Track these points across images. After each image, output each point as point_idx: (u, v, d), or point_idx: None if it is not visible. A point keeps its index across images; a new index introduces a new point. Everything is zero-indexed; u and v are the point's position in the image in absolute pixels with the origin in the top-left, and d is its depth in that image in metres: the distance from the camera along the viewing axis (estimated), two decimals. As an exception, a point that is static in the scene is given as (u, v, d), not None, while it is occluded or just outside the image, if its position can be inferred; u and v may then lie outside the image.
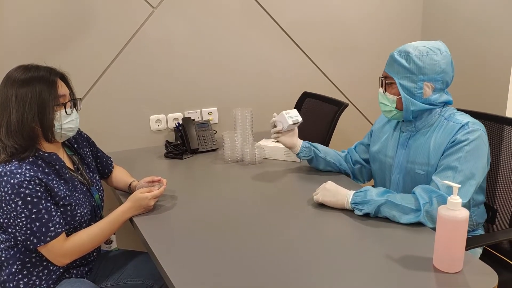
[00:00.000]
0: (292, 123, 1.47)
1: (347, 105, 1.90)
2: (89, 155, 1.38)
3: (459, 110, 1.36)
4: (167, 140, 2.01)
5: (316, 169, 1.63)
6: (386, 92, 1.34)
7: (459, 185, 0.99)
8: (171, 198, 1.44)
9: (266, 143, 1.84)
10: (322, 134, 1.90)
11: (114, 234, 1.37)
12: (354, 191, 1.30)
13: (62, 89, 1.19)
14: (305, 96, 2.15)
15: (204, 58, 2.04)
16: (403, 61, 1.29)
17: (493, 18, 2.01)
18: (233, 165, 1.76)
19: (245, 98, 2.17)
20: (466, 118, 1.29)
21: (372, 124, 1.63)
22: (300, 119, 1.49)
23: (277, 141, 1.55)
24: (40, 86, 1.13)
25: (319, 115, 1.98)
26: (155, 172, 1.58)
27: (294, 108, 2.08)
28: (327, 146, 1.78)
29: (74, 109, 1.23)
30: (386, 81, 1.33)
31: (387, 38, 2.36)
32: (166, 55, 1.97)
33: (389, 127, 1.47)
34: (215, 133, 2.02)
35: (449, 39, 2.17)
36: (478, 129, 1.25)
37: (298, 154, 1.55)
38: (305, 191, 1.44)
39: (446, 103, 1.33)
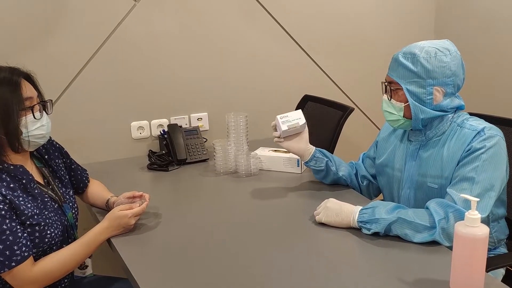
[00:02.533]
0: (287, 128, 1.47)
1: (352, 109, 1.90)
2: (61, 168, 1.38)
3: (472, 115, 1.37)
4: (150, 150, 2.02)
5: (320, 181, 1.65)
6: (391, 99, 1.34)
7: (478, 199, 1.00)
8: (154, 216, 1.44)
9: (263, 152, 1.85)
10: (325, 142, 1.91)
11: (89, 257, 1.38)
12: (360, 208, 1.30)
13: (28, 91, 1.17)
14: (306, 99, 2.16)
15: (193, 57, 2.06)
16: (409, 64, 1.30)
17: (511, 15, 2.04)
18: (226, 178, 1.77)
19: (239, 102, 2.19)
20: (482, 123, 1.30)
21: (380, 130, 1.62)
22: (300, 123, 1.47)
23: (282, 147, 1.55)
24: (2, 89, 1.11)
25: (322, 120, 2.00)
26: (136, 186, 1.59)
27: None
28: (331, 152, 1.81)
29: (44, 112, 1.21)
30: (392, 87, 1.33)
31: (397, 36, 2.38)
32: (150, 54, 1.98)
33: (395, 137, 1.48)
34: (205, 142, 2.02)
35: (463, 36, 2.21)
36: (495, 135, 1.25)
37: (306, 163, 1.55)
38: (307, 207, 1.44)
39: (458, 108, 1.34)
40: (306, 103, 2.14)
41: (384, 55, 2.20)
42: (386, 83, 1.37)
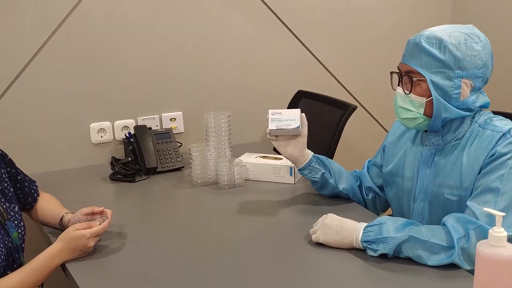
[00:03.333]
0: (275, 128, 1.48)
1: (355, 107, 1.93)
2: (4, 179, 1.38)
3: (496, 114, 1.39)
4: (113, 157, 2.03)
5: (317, 192, 1.65)
6: (410, 93, 1.34)
7: (503, 213, 1.00)
8: (118, 236, 1.44)
9: (249, 159, 1.85)
10: (322, 146, 1.93)
11: (39, 287, 1.36)
12: (365, 224, 1.31)
13: None
14: (301, 96, 2.17)
15: (166, 45, 2.06)
16: (435, 51, 1.30)
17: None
18: (205, 190, 1.78)
19: (221, 99, 2.20)
20: (508, 123, 1.32)
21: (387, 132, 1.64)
22: (292, 126, 1.48)
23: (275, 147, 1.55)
24: None
25: (319, 121, 2.01)
26: (96, 201, 1.57)
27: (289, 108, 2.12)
28: (330, 158, 1.81)
29: None
30: (414, 77, 1.32)
31: (408, 23, 2.39)
32: (112, 42, 1.98)
33: (406, 140, 1.49)
34: (179, 146, 2.03)
35: (486, 22, 2.22)
36: None
37: (300, 170, 1.57)
38: (302, 225, 1.45)
39: (482, 107, 1.36)
40: (300, 100, 2.15)
41: (393, 43, 2.27)
42: (400, 74, 1.36)
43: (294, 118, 1.49)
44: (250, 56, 2.22)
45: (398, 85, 1.38)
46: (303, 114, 1.52)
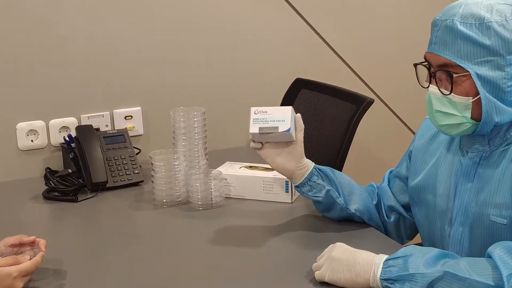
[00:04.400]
0: (257, 131, 1.48)
1: (371, 101, 1.93)
2: None
3: None
4: (48, 168, 2.03)
5: (321, 214, 1.67)
6: (451, 93, 1.33)
7: None
8: (55, 275, 1.42)
9: (231, 170, 1.86)
10: (328, 152, 1.94)
11: None
12: (385, 257, 1.30)
13: None
14: (299, 86, 2.18)
15: (120, 18, 2.08)
16: (476, 34, 1.29)
17: None
18: (171, 212, 1.77)
19: (194, 90, 2.22)
20: None
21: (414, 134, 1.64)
22: (281, 128, 1.48)
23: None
24: None
25: (325, 119, 2.02)
26: (26, 228, 1.56)
27: (283, 105, 2.13)
28: (338, 170, 1.80)
29: None
30: (452, 72, 1.30)
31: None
32: (47, 15, 2.00)
33: (438, 145, 1.50)
34: (137, 154, 2.05)
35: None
36: None
37: (298, 187, 1.58)
38: (301, 257, 1.45)
39: None
40: (299, 92, 2.16)
41: (419, 23, 2.22)
42: (430, 66, 1.36)
43: (283, 119, 1.49)
44: (235, 35, 2.29)
45: (429, 82, 1.38)
46: (298, 114, 1.52)
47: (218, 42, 2.23)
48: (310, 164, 1.56)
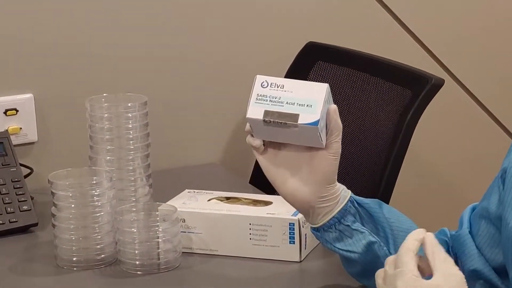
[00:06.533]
0: (262, 118, 1.27)
1: (440, 83, 1.71)
2: None
3: None
4: None
5: (353, 277, 1.45)
6: None
7: None
8: None
9: (193, 204, 1.61)
10: (365, 168, 1.81)
11: None
12: None
13: None
14: (313, 54, 1.96)
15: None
16: None
17: None
18: (87, 279, 1.51)
19: (132, 64, 1.97)
20: None
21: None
22: (307, 119, 1.25)
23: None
24: None
25: (358, 111, 1.86)
26: None
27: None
28: (384, 201, 1.48)
29: None
30: None
31: None
32: None
33: None
34: (27, 176, 1.82)
35: None
36: None
37: (317, 231, 1.36)
38: None
39: None
40: (313, 66, 1.91)
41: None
42: None
43: (309, 102, 1.25)
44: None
45: None
46: (334, 106, 1.28)
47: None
48: (343, 194, 1.30)
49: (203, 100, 2.03)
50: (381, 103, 1.81)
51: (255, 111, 1.21)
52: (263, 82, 1.23)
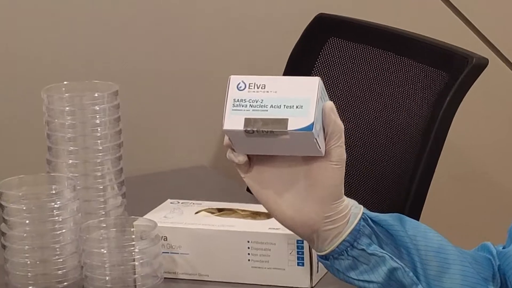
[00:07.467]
0: (242, 129, 1.10)
1: (483, 64, 1.57)
2: None
3: None
4: None
5: None
6: None
7: None
8: None
9: (177, 217, 1.49)
10: (390, 172, 1.69)
11: None
12: None
13: None
14: (324, 27, 1.83)
15: None
16: None
17: None
18: None
19: (97, 49, 1.83)
20: None
21: None
22: (298, 123, 1.06)
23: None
24: None
25: (380, 99, 1.73)
26: None
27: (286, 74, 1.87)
28: (414, 213, 1.55)
29: None
30: None
31: None
32: None
33: None
34: None
35: None
36: None
37: (325, 259, 1.14)
38: None
39: None
40: (325, 43, 1.78)
41: None
42: None
43: (299, 103, 1.05)
44: None
45: None
46: (330, 103, 1.05)
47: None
48: (354, 211, 1.12)
49: (189, 88, 1.88)
50: (409, 90, 1.67)
51: (233, 121, 1.02)
52: (239, 83, 1.03)
